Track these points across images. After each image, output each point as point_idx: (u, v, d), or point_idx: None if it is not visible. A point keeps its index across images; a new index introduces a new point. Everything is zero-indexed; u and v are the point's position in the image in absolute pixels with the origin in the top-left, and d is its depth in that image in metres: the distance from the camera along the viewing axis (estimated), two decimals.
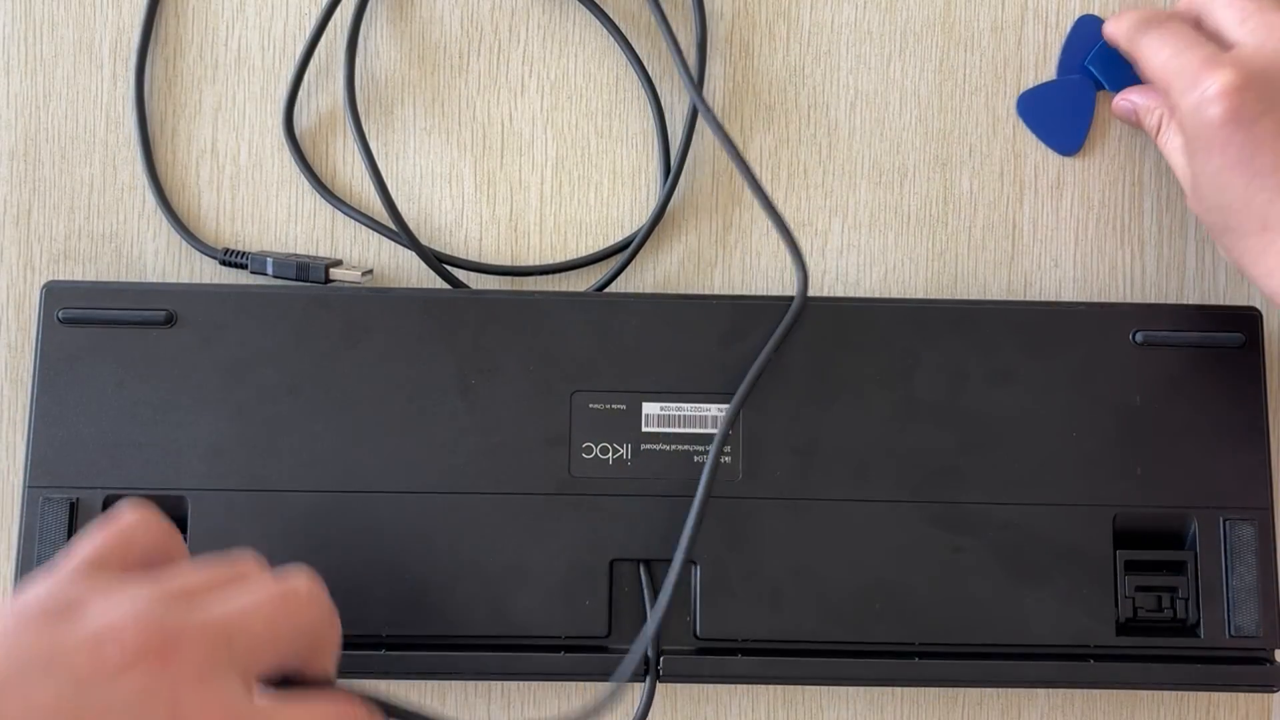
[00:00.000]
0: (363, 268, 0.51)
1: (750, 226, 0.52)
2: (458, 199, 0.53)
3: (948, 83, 0.53)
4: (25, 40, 0.53)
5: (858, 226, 0.52)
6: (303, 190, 0.52)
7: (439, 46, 0.53)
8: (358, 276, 0.50)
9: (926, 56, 0.53)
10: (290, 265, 0.50)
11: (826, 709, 0.50)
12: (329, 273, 0.50)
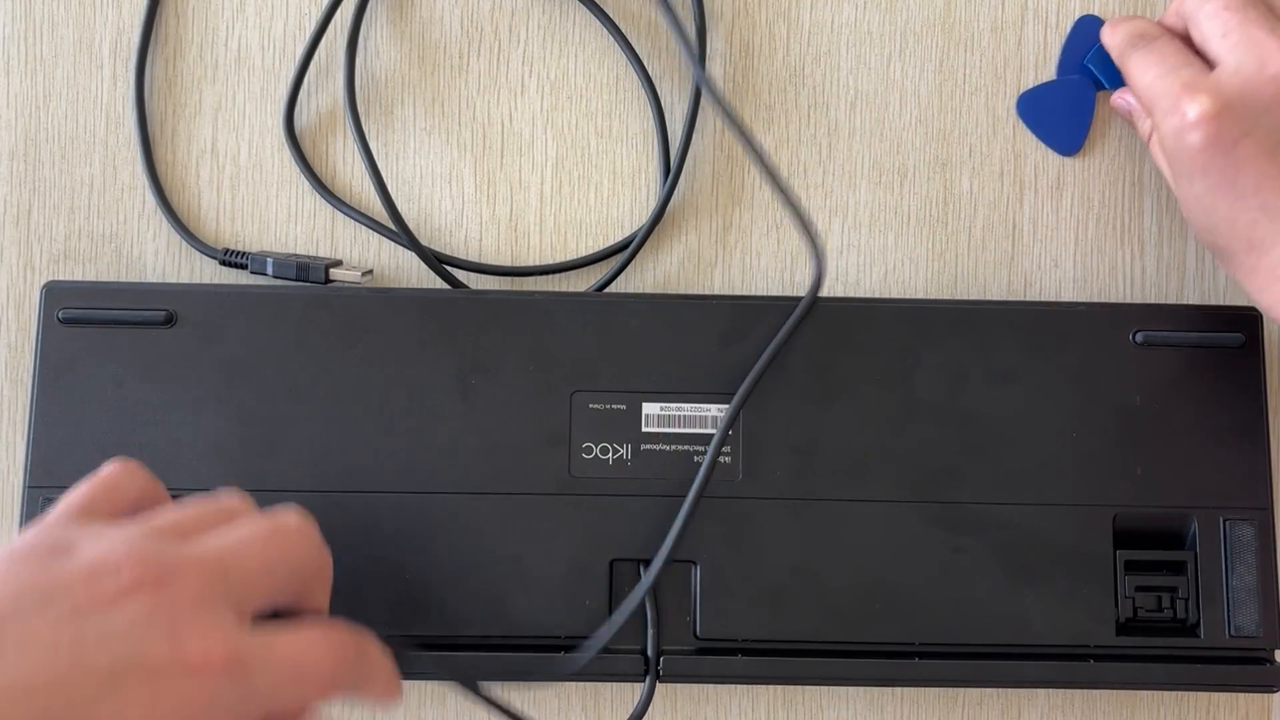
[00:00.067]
0: (362, 268, 0.51)
1: (750, 226, 0.52)
2: (458, 199, 0.52)
3: (948, 83, 0.53)
4: (25, 40, 0.53)
5: (858, 226, 0.52)
6: (303, 190, 0.52)
7: (439, 46, 0.53)
8: (357, 277, 0.50)
9: (926, 56, 0.53)
10: (290, 265, 0.50)
11: (826, 709, 0.50)
12: (329, 273, 0.50)
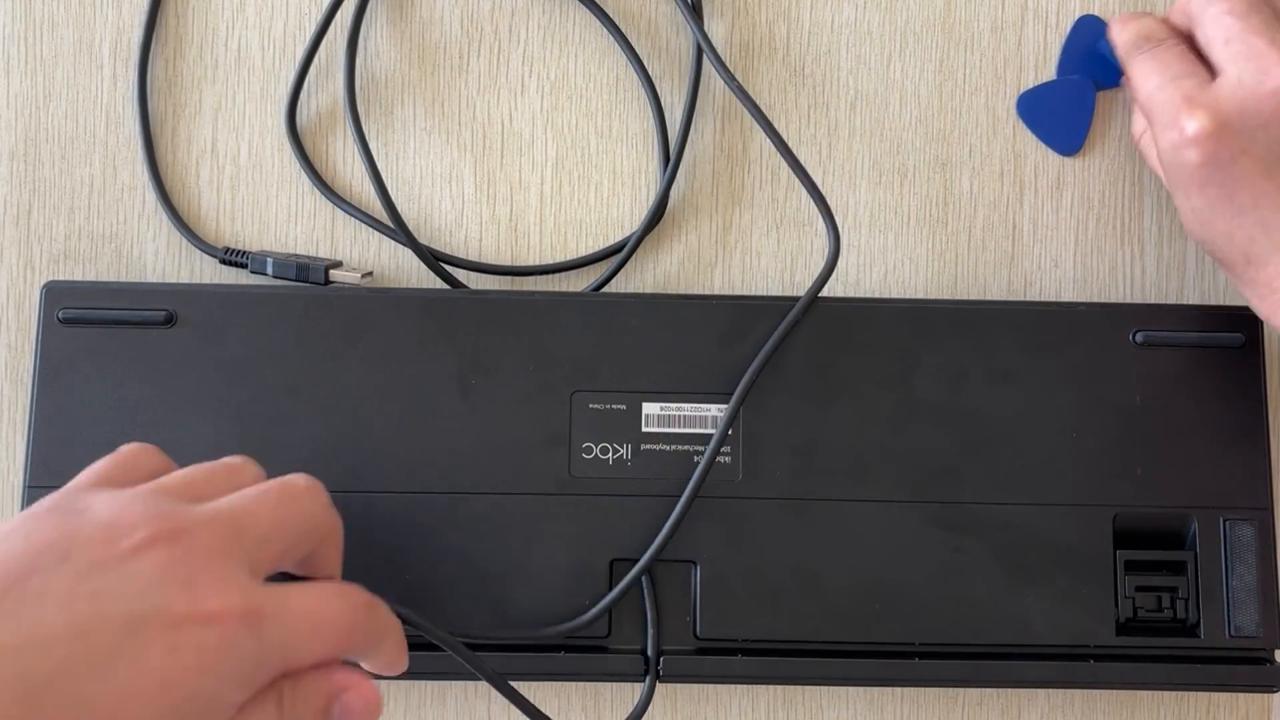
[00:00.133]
0: (362, 270, 0.51)
1: (750, 226, 0.52)
2: (457, 199, 0.52)
3: (948, 83, 0.53)
4: (25, 40, 0.53)
5: (858, 226, 0.52)
6: (303, 190, 0.52)
7: (439, 46, 0.53)
8: (357, 279, 0.50)
9: (926, 56, 0.53)
10: (290, 266, 0.50)
11: (826, 709, 0.50)
12: (329, 274, 0.50)
